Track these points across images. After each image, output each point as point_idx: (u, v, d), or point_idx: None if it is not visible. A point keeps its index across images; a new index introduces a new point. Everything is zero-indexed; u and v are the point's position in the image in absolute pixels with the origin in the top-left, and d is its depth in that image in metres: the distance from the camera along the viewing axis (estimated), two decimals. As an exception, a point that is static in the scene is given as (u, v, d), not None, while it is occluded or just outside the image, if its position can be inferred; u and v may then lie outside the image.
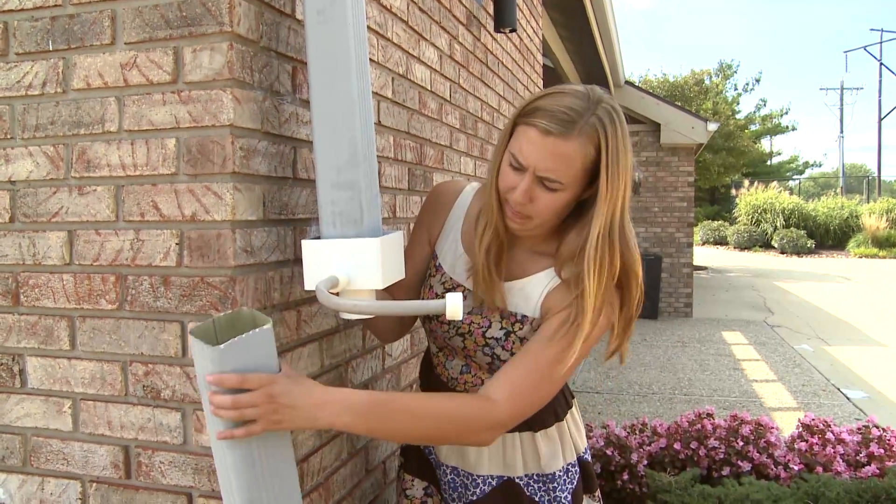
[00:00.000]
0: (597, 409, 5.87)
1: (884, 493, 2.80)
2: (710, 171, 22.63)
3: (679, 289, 11.00)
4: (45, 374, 1.52)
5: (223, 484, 1.27)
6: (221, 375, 1.19)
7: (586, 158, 1.36)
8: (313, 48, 1.40)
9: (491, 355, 1.53)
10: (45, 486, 1.54)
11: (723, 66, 27.92)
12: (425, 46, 2.44)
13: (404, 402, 1.36)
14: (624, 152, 1.36)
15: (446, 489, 1.67)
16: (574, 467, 1.65)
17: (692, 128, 10.69)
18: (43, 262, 1.50)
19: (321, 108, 1.41)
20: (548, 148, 1.34)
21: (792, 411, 5.76)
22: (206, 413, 1.26)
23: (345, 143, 1.40)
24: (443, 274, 1.61)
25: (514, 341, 1.50)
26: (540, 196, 1.39)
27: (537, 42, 4.85)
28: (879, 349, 8.49)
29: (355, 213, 1.42)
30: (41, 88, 1.47)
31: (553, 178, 1.36)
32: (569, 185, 1.38)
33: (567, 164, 1.35)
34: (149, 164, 1.42)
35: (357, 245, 1.39)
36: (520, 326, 1.50)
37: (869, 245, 22.28)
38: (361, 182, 1.41)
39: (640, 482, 3.44)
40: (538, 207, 1.40)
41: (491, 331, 1.52)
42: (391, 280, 1.45)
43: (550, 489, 1.60)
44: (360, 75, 1.42)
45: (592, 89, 1.39)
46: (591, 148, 1.35)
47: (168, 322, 1.43)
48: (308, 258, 1.42)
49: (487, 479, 1.61)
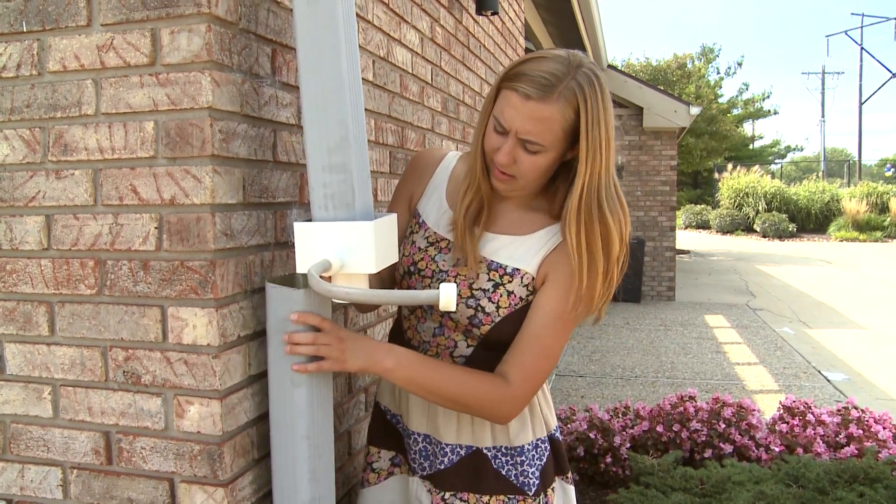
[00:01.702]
0: (580, 392, 5.90)
1: (862, 473, 2.83)
2: (692, 154, 22.73)
3: (662, 273, 11.05)
4: (24, 361, 1.51)
5: (281, 425, 1.45)
6: (305, 313, 1.41)
7: (566, 121, 1.40)
8: (302, 30, 1.38)
9: (475, 307, 1.53)
10: (26, 473, 1.53)
11: (705, 49, 27.97)
12: (406, 29, 2.42)
13: (440, 366, 1.49)
14: (604, 115, 1.40)
15: (415, 458, 1.67)
16: (544, 443, 1.65)
17: (675, 112, 10.70)
18: (20, 247, 1.48)
19: (311, 91, 1.39)
20: (528, 112, 1.39)
21: (773, 394, 5.81)
22: (272, 359, 1.44)
23: (335, 126, 1.39)
24: (426, 229, 1.63)
25: (501, 294, 1.52)
26: (523, 158, 1.44)
27: (519, 25, 4.84)
28: (860, 332, 8.57)
29: (347, 196, 1.41)
30: (16, 70, 1.45)
31: (534, 140, 1.41)
32: (550, 146, 1.42)
33: (547, 128, 1.39)
34: (127, 148, 1.40)
35: (351, 228, 1.39)
36: (509, 279, 1.53)
37: (850, 229, 22.48)
38: (353, 164, 1.41)
39: (623, 465, 3.47)
40: (521, 168, 1.45)
41: (478, 282, 1.53)
42: (385, 264, 1.45)
43: (518, 462, 1.59)
44: (350, 57, 1.41)
45: (574, 54, 1.43)
46: (571, 111, 1.39)
47: (148, 307, 1.42)
48: (300, 240, 1.41)
49: (456, 447, 1.60)
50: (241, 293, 1.45)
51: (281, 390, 1.45)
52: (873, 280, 13.16)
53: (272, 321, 1.44)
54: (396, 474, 1.73)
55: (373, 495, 1.74)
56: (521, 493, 1.58)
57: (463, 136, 3.23)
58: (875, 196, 23.61)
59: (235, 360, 1.43)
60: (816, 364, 6.90)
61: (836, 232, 22.49)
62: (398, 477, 1.73)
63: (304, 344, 1.41)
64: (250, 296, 1.48)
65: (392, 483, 1.73)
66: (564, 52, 1.42)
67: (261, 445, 1.53)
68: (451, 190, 1.63)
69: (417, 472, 1.67)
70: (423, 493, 1.65)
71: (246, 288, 1.47)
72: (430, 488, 1.64)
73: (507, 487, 1.58)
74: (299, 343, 1.41)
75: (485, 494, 1.58)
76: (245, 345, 1.47)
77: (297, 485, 1.46)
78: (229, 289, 1.41)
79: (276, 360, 1.44)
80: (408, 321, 1.67)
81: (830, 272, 14.30)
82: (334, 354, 1.42)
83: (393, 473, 1.73)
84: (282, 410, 1.45)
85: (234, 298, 1.43)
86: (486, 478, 1.59)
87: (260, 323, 1.52)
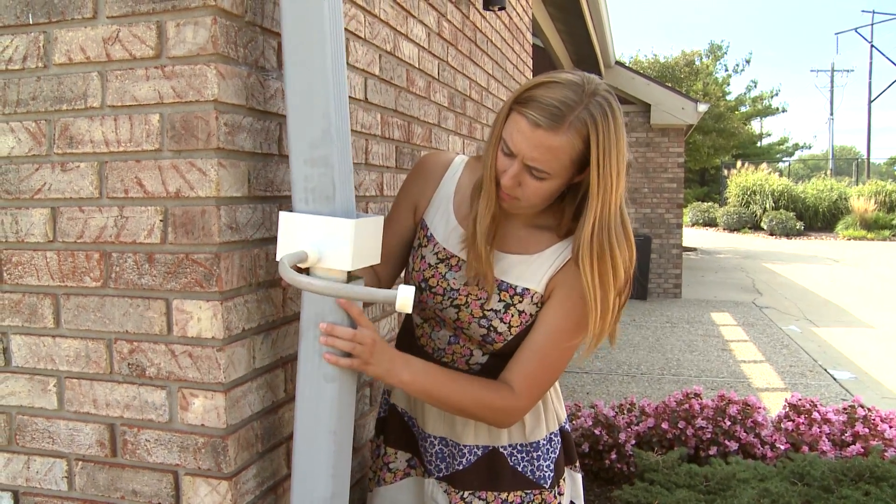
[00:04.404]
0: (585, 389, 5.89)
1: (867, 472, 2.82)
2: (700, 152, 22.67)
3: (668, 270, 11.03)
4: (30, 353, 1.51)
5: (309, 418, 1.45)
6: (350, 303, 1.41)
7: (574, 151, 1.38)
8: (288, 20, 1.38)
9: (487, 327, 1.54)
10: (31, 464, 1.53)
11: (713, 46, 27.89)
12: (413, 23, 2.42)
13: (451, 378, 1.49)
14: (616, 145, 1.38)
15: (432, 460, 1.67)
16: (556, 437, 1.67)
17: (682, 109, 10.67)
18: (26, 239, 1.49)
19: (295, 85, 1.40)
20: (536, 140, 1.37)
21: (779, 391, 5.80)
22: (304, 352, 1.44)
23: (319, 119, 1.39)
24: (435, 244, 1.61)
25: (513, 314, 1.53)
26: (528, 182, 1.42)
27: (527, 21, 4.83)
28: (866, 330, 8.54)
29: (328, 190, 1.41)
30: (21, 63, 1.45)
31: (540, 167, 1.39)
32: (556, 174, 1.41)
33: (554, 157, 1.38)
34: (132, 141, 1.40)
35: (331, 223, 1.39)
36: (520, 299, 1.53)
37: (857, 227, 22.38)
38: (335, 159, 1.41)
39: (628, 461, 3.46)
40: (526, 192, 1.44)
41: (490, 303, 1.54)
42: (363, 264, 1.44)
43: (534, 458, 1.61)
44: (335, 52, 1.40)
45: (589, 80, 1.39)
46: (580, 141, 1.37)
47: (153, 299, 1.42)
48: (283, 230, 1.41)
49: (473, 448, 1.62)
50: (246, 286, 1.45)
51: (312, 384, 1.44)
52: (881, 279, 13.11)
53: (308, 313, 1.43)
54: (412, 476, 1.74)
55: (389, 493, 1.75)
56: (537, 488, 1.61)
57: (469, 132, 3.22)
58: (883, 194, 23.50)
59: (240, 354, 1.43)
60: (823, 362, 6.87)
61: (844, 230, 22.40)
62: (413, 479, 1.74)
63: (342, 339, 1.40)
64: (255, 289, 1.48)
65: (407, 484, 1.74)
66: (579, 79, 1.39)
67: (265, 439, 1.53)
68: (458, 202, 1.62)
69: (433, 473, 1.68)
70: (439, 495, 1.66)
71: (251, 281, 1.47)
72: (448, 489, 1.65)
73: (524, 483, 1.61)
74: (338, 336, 1.40)
75: (503, 491, 1.60)
76: (250, 338, 1.47)
77: (319, 480, 1.46)
78: (234, 282, 1.41)
79: (310, 353, 1.44)
80: (420, 329, 1.67)
81: (838, 270, 14.26)
82: (364, 355, 1.41)
83: (409, 475, 1.74)
84: (311, 404, 1.45)
85: (239, 291, 1.43)
86: (503, 475, 1.61)
87: (265, 316, 1.52)
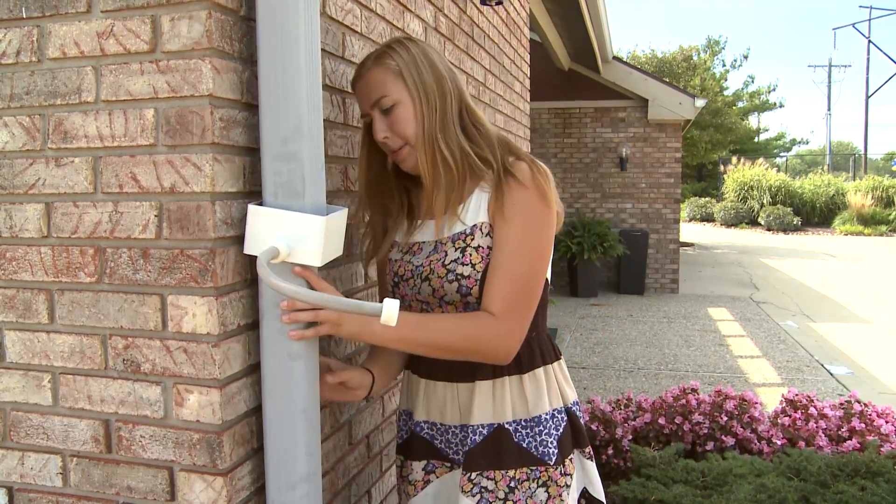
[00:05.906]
0: (582, 384, 5.90)
1: (863, 467, 2.83)
2: (697, 147, 22.63)
3: (665, 265, 11.04)
4: (24, 348, 1.50)
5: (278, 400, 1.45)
6: (306, 269, 1.44)
7: (388, 70, 1.59)
8: (262, 12, 1.38)
9: (456, 278, 1.59)
10: (26, 460, 1.53)
11: (711, 42, 27.84)
12: (410, 18, 2.41)
13: (427, 319, 1.56)
14: (420, 55, 1.60)
15: (457, 449, 1.69)
16: (561, 413, 1.68)
17: (680, 104, 10.67)
18: (20, 234, 1.48)
19: (268, 80, 1.40)
20: (363, 86, 1.62)
21: (776, 387, 5.81)
22: (267, 334, 1.44)
23: (291, 116, 1.40)
24: (400, 245, 1.74)
25: (470, 253, 1.59)
26: (391, 122, 1.60)
27: (524, 16, 4.82)
28: (863, 326, 8.56)
29: (297, 186, 1.41)
30: (15, 57, 1.44)
31: (379, 96, 1.58)
32: (395, 94, 1.58)
33: (381, 83, 1.59)
34: (127, 135, 1.39)
35: (301, 220, 1.39)
36: (471, 238, 1.60)
37: (854, 222, 22.40)
38: (305, 155, 1.41)
39: (625, 457, 3.47)
40: (397, 128, 1.59)
41: (448, 257, 1.61)
42: (329, 258, 1.48)
43: (537, 433, 1.63)
44: (309, 45, 1.41)
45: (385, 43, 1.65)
46: (389, 61, 1.59)
47: (147, 295, 1.41)
48: (252, 223, 1.40)
49: (478, 428, 1.64)
50: (241, 282, 1.45)
51: (278, 364, 1.44)
52: (878, 274, 13.13)
53: (268, 293, 1.43)
54: (433, 481, 1.75)
55: None
56: (542, 464, 1.63)
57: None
58: (880, 190, 23.51)
59: (235, 349, 1.43)
60: (819, 358, 6.89)
61: (841, 226, 22.41)
62: (434, 483, 1.75)
63: (304, 309, 1.41)
64: (250, 285, 1.48)
65: (431, 490, 1.75)
66: None
67: (260, 434, 1.53)
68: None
69: (461, 462, 1.68)
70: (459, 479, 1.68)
71: (246, 277, 1.46)
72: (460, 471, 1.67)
73: (529, 459, 1.63)
74: (300, 309, 1.41)
75: (510, 469, 1.62)
76: (245, 334, 1.46)
77: (296, 460, 1.46)
78: (229, 277, 1.41)
79: (272, 333, 1.44)
80: None
81: (835, 266, 14.27)
82: (332, 317, 1.44)
83: (429, 481, 1.75)
84: (280, 385, 1.45)
85: (234, 287, 1.43)
86: (508, 452, 1.63)
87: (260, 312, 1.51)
